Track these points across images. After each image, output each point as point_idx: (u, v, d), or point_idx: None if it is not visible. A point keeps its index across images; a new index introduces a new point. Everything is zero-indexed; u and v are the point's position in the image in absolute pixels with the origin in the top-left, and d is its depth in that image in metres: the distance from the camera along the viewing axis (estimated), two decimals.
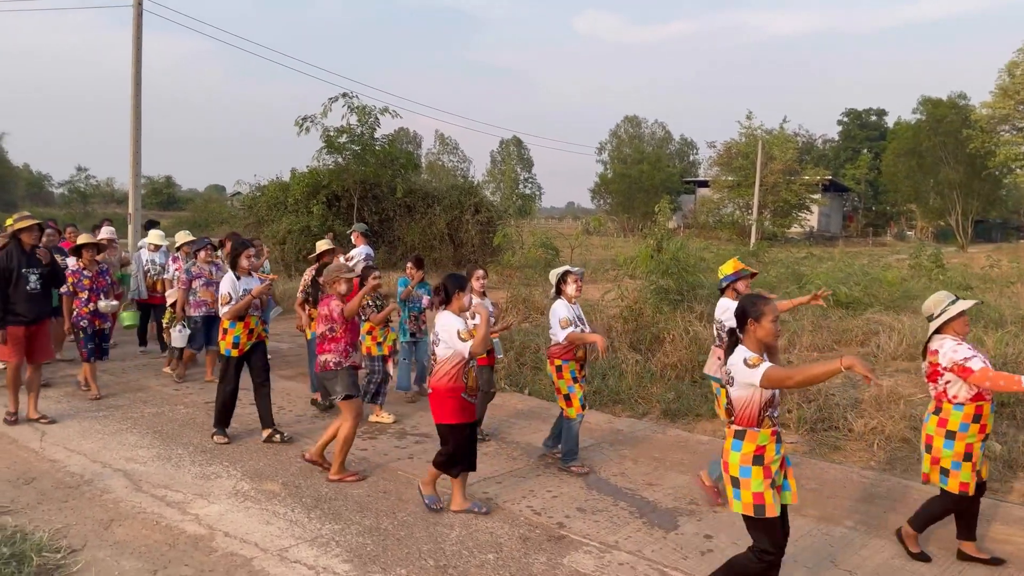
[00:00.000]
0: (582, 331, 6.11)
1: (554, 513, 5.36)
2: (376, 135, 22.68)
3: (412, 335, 8.37)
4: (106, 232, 10.43)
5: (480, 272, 6.73)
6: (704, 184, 54.76)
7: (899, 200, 58.88)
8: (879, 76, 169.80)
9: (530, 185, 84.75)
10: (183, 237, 9.74)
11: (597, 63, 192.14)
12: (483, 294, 6.70)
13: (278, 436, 6.78)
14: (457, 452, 5.25)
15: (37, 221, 7.29)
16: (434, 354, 5.25)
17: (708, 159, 54.98)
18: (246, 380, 6.89)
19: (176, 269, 9.43)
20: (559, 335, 6.09)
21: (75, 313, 7.90)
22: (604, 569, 4.54)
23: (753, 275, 6.29)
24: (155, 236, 10.51)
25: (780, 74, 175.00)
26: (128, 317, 9.53)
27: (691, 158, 79.99)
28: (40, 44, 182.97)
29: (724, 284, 6.13)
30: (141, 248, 10.67)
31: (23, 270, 6.99)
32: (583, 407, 6.21)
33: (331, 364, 5.85)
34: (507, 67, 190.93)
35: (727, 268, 6.20)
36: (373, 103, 23.45)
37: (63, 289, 7.78)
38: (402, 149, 26.72)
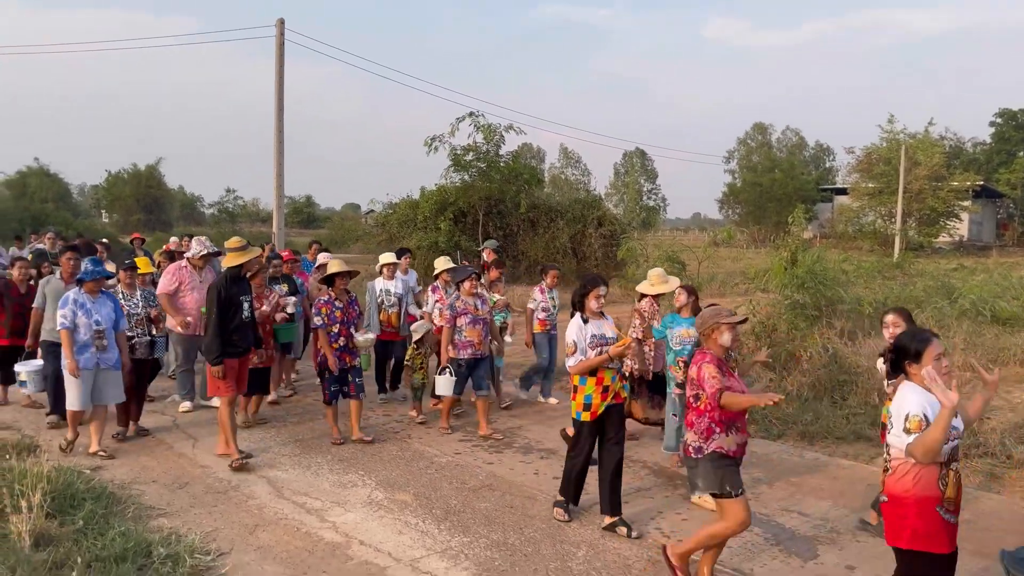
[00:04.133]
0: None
1: (684, 536, 5.19)
2: (501, 152, 23.07)
3: None
4: (323, 257, 9.65)
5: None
6: (842, 192, 52.06)
7: None
8: None
9: (654, 197, 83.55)
10: (443, 263, 8.61)
11: (724, 70, 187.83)
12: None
13: (624, 529, 5.24)
14: None
15: (257, 253, 7.14)
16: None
17: (846, 165, 52.32)
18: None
19: (438, 301, 8.27)
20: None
21: (323, 352, 7.16)
22: None
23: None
24: (385, 257, 8.96)
25: (924, 75, 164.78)
26: (362, 360, 7.90)
27: (827, 165, 76.41)
28: (190, 75, 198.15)
29: None
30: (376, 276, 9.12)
31: (239, 298, 6.70)
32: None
33: (691, 448, 4.46)
34: (632, 78, 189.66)
35: None
36: (499, 121, 23.81)
37: (316, 322, 7.17)
38: (525, 164, 27.03)
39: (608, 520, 5.30)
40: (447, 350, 7.45)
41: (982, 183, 49.50)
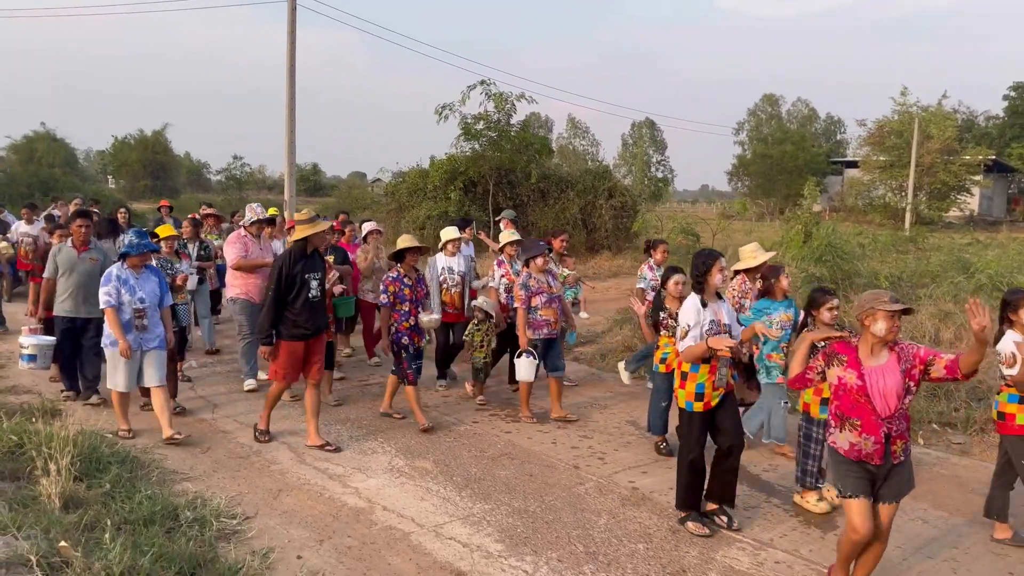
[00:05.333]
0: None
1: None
2: (512, 121, 22.88)
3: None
4: (369, 225, 9.40)
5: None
6: (853, 164, 51.62)
7: None
8: None
9: (662, 168, 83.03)
10: (508, 237, 8.09)
11: (735, 41, 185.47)
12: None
13: (725, 518, 4.93)
14: None
15: (326, 226, 6.58)
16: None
17: (857, 138, 51.81)
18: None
19: (504, 276, 7.98)
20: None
21: (394, 328, 6.76)
22: (760, 567, 4.40)
23: None
24: (448, 232, 8.03)
25: (938, 47, 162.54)
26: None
27: (838, 137, 75.76)
28: (197, 40, 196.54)
29: None
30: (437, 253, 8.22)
31: (306, 275, 6.13)
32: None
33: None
34: (641, 47, 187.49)
35: None
36: (509, 89, 23.80)
37: (382, 299, 6.77)
38: (535, 135, 26.84)
39: (711, 506, 5.00)
40: (524, 332, 6.98)
41: (994, 157, 49.02)
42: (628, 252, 20.62)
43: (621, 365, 8.20)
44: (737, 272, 6.61)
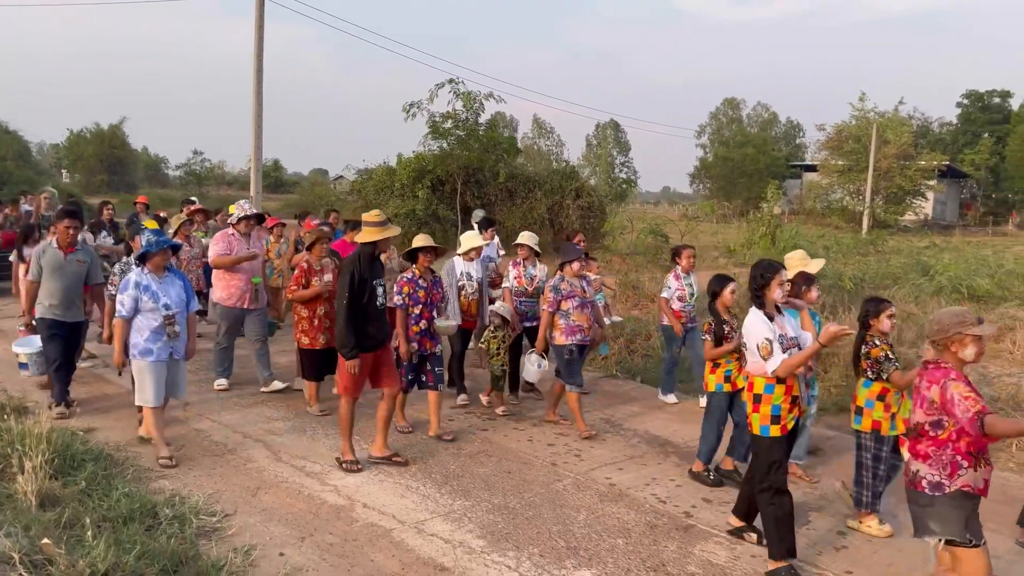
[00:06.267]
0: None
1: (680, 502, 5.35)
2: (480, 120, 22.94)
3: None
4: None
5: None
6: (812, 168, 52.68)
7: None
8: (1004, 55, 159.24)
9: (626, 169, 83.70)
10: (468, 241, 7.54)
11: (698, 44, 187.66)
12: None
13: (755, 536, 4.72)
14: None
15: (398, 231, 6.08)
16: None
17: (816, 142, 52.91)
18: None
19: (516, 278, 7.65)
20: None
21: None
22: (737, 560, 4.51)
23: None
24: (471, 239, 7.68)
25: (894, 54, 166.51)
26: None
27: (797, 141, 77.19)
28: (155, 32, 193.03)
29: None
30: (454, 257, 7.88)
31: (373, 281, 5.74)
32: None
33: (925, 483, 3.62)
34: (604, 49, 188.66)
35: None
36: (477, 88, 23.85)
37: (396, 300, 6.34)
38: (502, 134, 26.94)
39: (737, 522, 4.83)
40: (544, 336, 6.77)
41: (948, 163, 50.35)
42: (596, 252, 20.78)
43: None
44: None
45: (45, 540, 3.71)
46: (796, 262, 5.86)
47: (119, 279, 6.63)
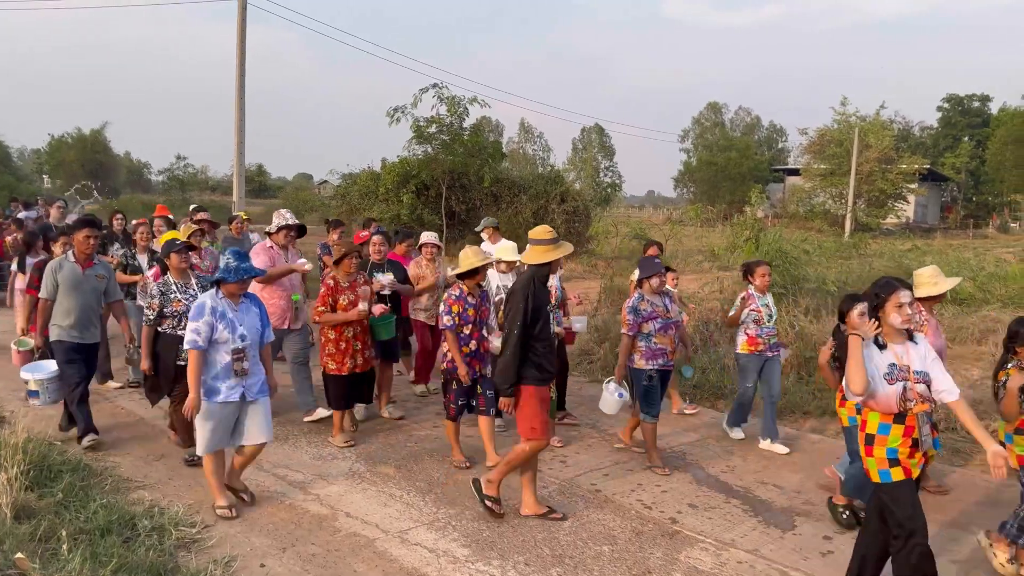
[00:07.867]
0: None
1: (665, 508, 5.33)
2: (464, 125, 22.88)
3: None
4: (428, 236, 8.02)
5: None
6: (794, 172, 53.04)
7: (1004, 190, 55.80)
8: (983, 60, 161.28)
9: (611, 173, 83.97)
10: (508, 254, 6.98)
11: (681, 49, 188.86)
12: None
13: None
14: None
15: (571, 249, 5.31)
16: None
17: (798, 146, 53.27)
18: None
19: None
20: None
21: (450, 356, 5.91)
22: (723, 567, 4.49)
23: None
24: (507, 251, 7.14)
25: (876, 59, 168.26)
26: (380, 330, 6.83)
27: (779, 145, 77.80)
28: (136, 37, 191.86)
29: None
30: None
31: (547, 307, 5.07)
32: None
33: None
34: (590, 53, 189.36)
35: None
36: (461, 92, 23.87)
37: (446, 321, 5.84)
38: (487, 138, 26.91)
39: None
40: (624, 363, 6.11)
41: (928, 167, 50.84)
42: (582, 257, 20.82)
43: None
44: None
45: (19, 554, 3.63)
46: (926, 279, 5.25)
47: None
